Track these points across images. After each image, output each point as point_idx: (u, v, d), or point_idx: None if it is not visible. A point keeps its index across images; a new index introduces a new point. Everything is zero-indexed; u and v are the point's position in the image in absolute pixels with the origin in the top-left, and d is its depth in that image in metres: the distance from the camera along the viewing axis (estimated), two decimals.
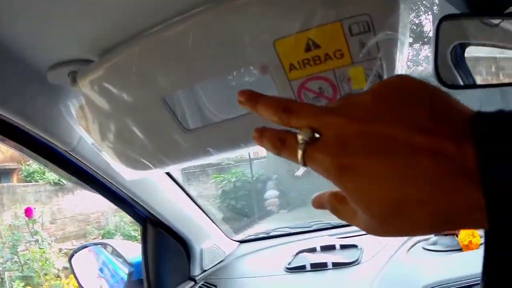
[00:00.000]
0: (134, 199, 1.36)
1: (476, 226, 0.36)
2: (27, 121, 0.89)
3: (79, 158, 1.09)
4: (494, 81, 1.11)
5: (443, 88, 0.41)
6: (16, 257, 6.23)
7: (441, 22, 0.86)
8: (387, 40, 0.57)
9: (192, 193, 1.64)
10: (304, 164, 0.42)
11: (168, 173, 1.47)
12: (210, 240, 1.79)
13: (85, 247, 2.02)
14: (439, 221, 0.36)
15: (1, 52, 0.75)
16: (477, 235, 1.48)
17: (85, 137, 0.86)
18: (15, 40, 0.74)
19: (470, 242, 1.48)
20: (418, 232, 0.39)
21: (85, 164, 1.13)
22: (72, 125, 0.88)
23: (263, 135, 0.47)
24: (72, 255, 1.94)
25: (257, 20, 0.61)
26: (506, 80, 1.11)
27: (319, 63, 0.60)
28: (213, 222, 1.81)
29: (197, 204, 1.67)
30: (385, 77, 0.60)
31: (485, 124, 0.35)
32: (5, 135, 0.93)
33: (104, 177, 1.21)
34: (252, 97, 0.49)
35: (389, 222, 0.38)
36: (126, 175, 0.86)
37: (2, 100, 0.83)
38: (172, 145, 0.78)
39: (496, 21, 0.95)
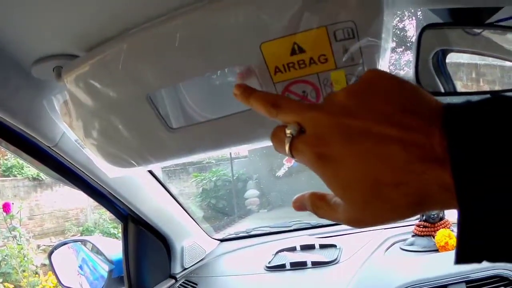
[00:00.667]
0: (116, 196, 1.36)
1: (446, 206, 0.39)
2: (9, 115, 0.89)
3: (61, 154, 1.09)
4: (475, 88, 1.13)
5: None
6: None
7: (423, 31, 0.88)
8: (370, 46, 0.58)
9: (173, 191, 1.65)
10: (292, 156, 0.47)
11: (150, 171, 1.48)
12: (191, 238, 1.80)
13: (64, 243, 2.00)
14: (414, 202, 0.40)
15: None
16: (453, 237, 1.51)
17: (69, 133, 0.86)
18: (1, 32, 0.73)
19: (447, 243, 1.51)
20: (397, 215, 0.42)
21: (68, 160, 1.12)
22: (56, 120, 0.87)
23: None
24: (51, 252, 1.93)
25: (245, 22, 0.61)
26: (486, 88, 1.13)
27: (303, 67, 0.61)
28: (194, 220, 1.82)
29: (178, 202, 1.67)
30: None
31: (453, 113, 0.38)
32: None
33: (86, 173, 1.21)
34: (246, 91, 0.56)
35: (369, 207, 0.42)
36: (108, 172, 0.86)
37: None
38: (156, 143, 0.78)
39: (478, 30, 0.97)
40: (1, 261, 6.09)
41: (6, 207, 6.24)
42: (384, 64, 0.61)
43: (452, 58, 1.04)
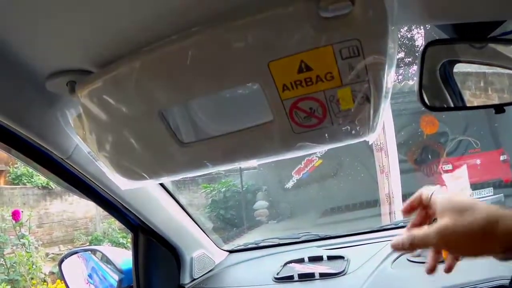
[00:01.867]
0: (127, 207, 1.37)
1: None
2: (23, 127, 0.90)
3: (74, 166, 1.10)
4: (483, 97, 1.13)
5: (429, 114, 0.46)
6: (2, 259, 6.16)
7: (427, 47, 0.89)
8: (375, 64, 0.59)
9: (183, 202, 1.66)
10: None
11: (160, 183, 1.49)
12: (200, 249, 1.80)
13: (75, 252, 2.02)
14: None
15: (1, 57, 0.76)
16: None
17: (82, 146, 0.87)
18: (16, 47, 0.75)
19: None
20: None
21: (80, 172, 1.14)
22: (69, 133, 0.89)
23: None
24: (62, 260, 1.94)
25: (253, 41, 0.63)
26: (494, 97, 1.13)
27: (310, 84, 0.63)
28: (203, 231, 1.82)
29: (188, 214, 1.68)
30: (372, 99, 0.63)
31: None
32: (2, 140, 0.94)
33: (98, 185, 1.22)
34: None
35: None
36: (121, 184, 0.88)
37: (0, 105, 0.84)
38: (167, 158, 0.80)
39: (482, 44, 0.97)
40: (10, 268, 6.10)
41: (16, 215, 6.27)
42: (389, 80, 0.62)
43: (459, 67, 1.05)
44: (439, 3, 0.73)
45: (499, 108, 0.98)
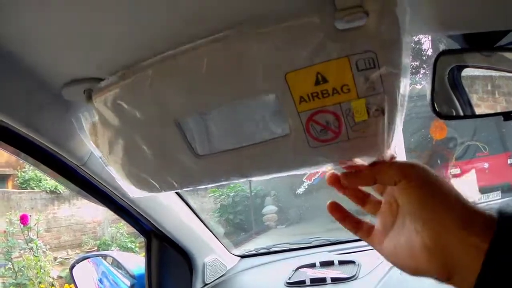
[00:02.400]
0: (140, 212, 1.38)
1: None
2: (39, 134, 0.91)
3: (89, 173, 1.11)
4: (490, 100, 1.13)
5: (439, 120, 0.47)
6: (10, 263, 6.19)
7: (439, 57, 0.89)
8: (390, 75, 0.59)
9: (195, 207, 1.66)
10: None
11: None
12: (212, 255, 1.81)
13: (86, 258, 2.03)
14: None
15: (18, 65, 0.76)
16: None
17: (94, 151, 0.86)
18: (33, 57, 0.75)
19: None
20: None
21: (95, 178, 1.14)
22: (84, 139, 0.89)
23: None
24: (73, 266, 1.95)
25: (270, 52, 0.62)
26: (502, 100, 1.13)
27: (327, 96, 0.62)
28: (216, 236, 1.83)
29: (200, 219, 1.69)
30: (386, 112, 0.62)
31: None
32: (17, 147, 0.95)
33: (112, 190, 1.23)
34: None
35: None
36: (131, 193, 0.87)
37: (16, 113, 0.85)
38: (181, 169, 0.78)
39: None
40: (18, 272, 6.13)
41: (24, 219, 6.31)
42: (403, 91, 0.61)
43: (467, 71, 1.06)
44: (449, 13, 0.74)
45: (507, 116, 0.98)
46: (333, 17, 0.57)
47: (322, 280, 1.66)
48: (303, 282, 1.68)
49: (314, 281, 1.67)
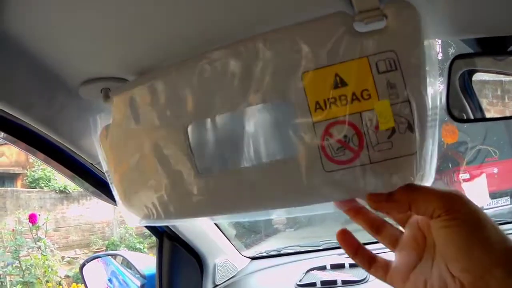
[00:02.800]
0: None
1: None
2: (55, 133, 0.92)
3: (103, 171, 1.11)
4: (500, 105, 1.12)
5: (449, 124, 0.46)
6: (17, 262, 6.23)
7: (454, 61, 0.89)
8: (414, 78, 0.55)
9: None
10: None
11: None
12: (223, 256, 1.82)
13: (96, 257, 2.04)
14: None
15: (35, 62, 0.77)
16: None
17: (102, 161, 0.83)
18: (52, 54, 0.76)
19: None
20: None
21: None
22: (95, 142, 0.88)
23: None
24: (83, 265, 1.97)
25: (289, 51, 0.60)
26: (507, 113, 1.12)
27: (345, 103, 0.56)
28: (227, 238, 1.84)
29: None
30: (415, 125, 0.54)
31: None
32: (33, 145, 0.95)
33: None
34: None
35: None
36: (129, 222, 0.82)
37: (33, 110, 0.85)
38: (180, 187, 0.71)
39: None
40: (25, 271, 6.17)
41: (33, 218, 6.35)
42: (435, 103, 0.56)
43: (477, 76, 1.04)
44: (465, 17, 0.73)
45: None
46: (352, 19, 0.57)
47: (333, 283, 1.66)
48: (313, 284, 1.68)
49: (324, 283, 1.67)
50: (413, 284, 0.56)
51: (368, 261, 0.61)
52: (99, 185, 1.19)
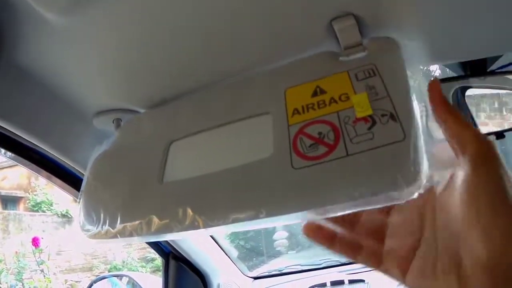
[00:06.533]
0: None
1: None
2: (72, 160, 0.96)
3: None
4: (498, 117, 1.18)
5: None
6: (20, 284, 6.21)
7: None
8: (392, 78, 0.54)
9: None
10: None
11: None
12: (226, 276, 1.85)
13: (103, 278, 2.08)
14: None
15: (51, 94, 0.80)
16: None
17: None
18: (67, 85, 0.79)
19: None
20: None
21: None
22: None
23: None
24: (91, 285, 2.00)
25: (277, 79, 0.65)
26: (509, 117, 1.18)
27: (323, 106, 0.55)
28: (230, 258, 1.87)
29: (215, 241, 1.73)
30: (397, 116, 0.50)
31: None
32: (50, 172, 0.99)
33: None
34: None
35: None
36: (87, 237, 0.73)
37: (50, 139, 0.88)
38: (142, 194, 0.65)
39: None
40: None
41: (35, 241, 6.32)
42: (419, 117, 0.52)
43: (474, 90, 1.11)
44: (443, 45, 0.75)
45: (499, 135, 1.04)
46: (338, 55, 0.62)
47: None
48: None
49: None
50: (419, 270, 0.46)
51: (351, 248, 0.55)
52: None
